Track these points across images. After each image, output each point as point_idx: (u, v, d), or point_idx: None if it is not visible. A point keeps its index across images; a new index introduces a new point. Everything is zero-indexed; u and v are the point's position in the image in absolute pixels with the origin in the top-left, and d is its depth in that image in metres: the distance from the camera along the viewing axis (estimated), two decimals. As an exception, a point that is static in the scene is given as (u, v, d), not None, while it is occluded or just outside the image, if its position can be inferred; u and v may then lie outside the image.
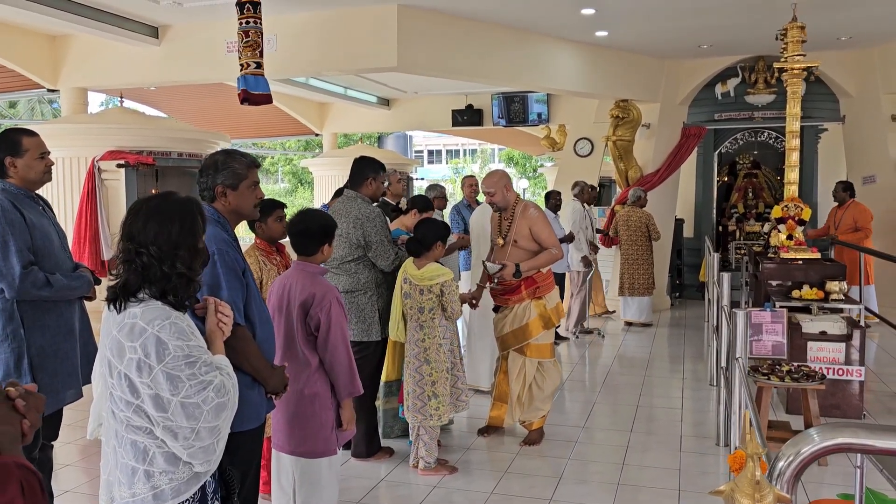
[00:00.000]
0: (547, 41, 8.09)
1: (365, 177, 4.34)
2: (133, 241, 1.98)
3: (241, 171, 2.61)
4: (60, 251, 3.17)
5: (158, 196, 2.08)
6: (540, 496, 3.91)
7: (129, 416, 1.92)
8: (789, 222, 5.89)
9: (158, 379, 1.87)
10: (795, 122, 5.98)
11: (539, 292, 4.63)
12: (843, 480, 3.99)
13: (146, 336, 1.88)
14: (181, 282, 1.98)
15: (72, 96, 8.12)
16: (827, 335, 5.04)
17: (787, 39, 5.90)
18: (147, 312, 1.92)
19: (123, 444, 1.95)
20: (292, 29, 6.99)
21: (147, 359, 1.87)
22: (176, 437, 1.90)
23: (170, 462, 1.94)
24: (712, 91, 9.44)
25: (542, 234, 4.59)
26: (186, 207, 2.05)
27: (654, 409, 5.45)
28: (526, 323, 4.59)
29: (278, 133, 14.55)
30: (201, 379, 1.91)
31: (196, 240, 2.03)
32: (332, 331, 2.96)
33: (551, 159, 17.00)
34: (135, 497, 1.94)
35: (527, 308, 4.61)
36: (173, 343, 1.89)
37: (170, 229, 1.98)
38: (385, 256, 4.19)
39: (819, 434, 1.49)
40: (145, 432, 1.93)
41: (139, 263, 1.95)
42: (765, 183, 11.17)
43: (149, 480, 1.93)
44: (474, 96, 11.97)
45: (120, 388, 1.91)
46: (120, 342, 1.90)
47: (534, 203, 4.82)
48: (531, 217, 4.63)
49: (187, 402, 1.88)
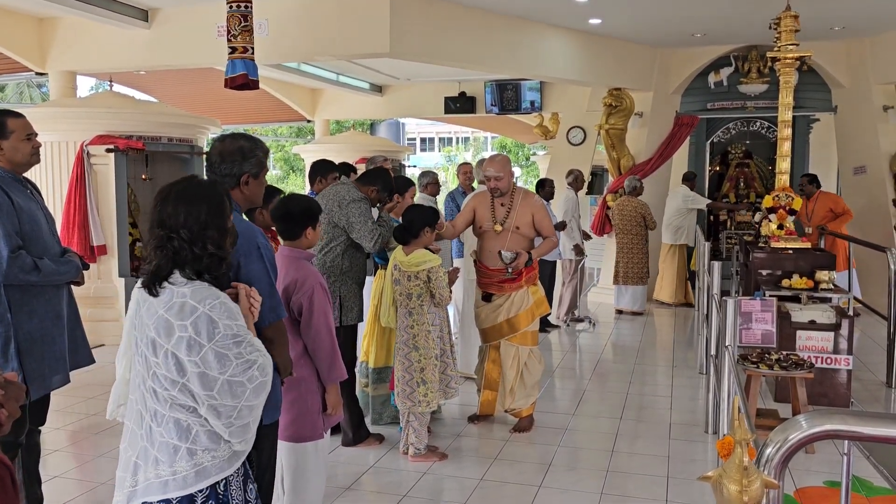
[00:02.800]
0: (540, 28, 8.05)
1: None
2: (164, 227, 2.02)
3: (263, 160, 2.55)
4: (49, 236, 3.14)
5: (184, 180, 2.12)
6: (530, 482, 3.92)
7: (174, 394, 1.97)
8: (780, 212, 5.90)
9: (208, 357, 1.92)
10: (788, 112, 5.98)
11: (533, 278, 4.68)
12: (829, 468, 4.02)
13: (197, 315, 1.94)
14: (213, 262, 2.04)
15: (60, 80, 8.04)
16: (816, 324, 5.06)
17: (780, 29, 5.88)
18: (197, 292, 1.97)
19: (164, 423, 1.99)
20: (284, 13, 6.92)
21: (198, 337, 1.92)
22: (219, 416, 1.96)
23: (212, 440, 2.00)
24: (705, 80, 9.43)
25: (544, 222, 4.62)
26: (214, 189, 2.11)
27: (644, 397, 5.48)
28: (526, 309, 4.59)
29: (270, 119, 14.47)
30: (247, 358, 1.98)
31: (225, 220, 2.09)
32: (314, 316, 2.95)
33: (544, 147, 17.00)
34: (176, 475, 1.98)
35: (524, 295, 4.60)
36: (223, 322, 1.95)
37: (199, 211, 2.03)
38: (370, 237, 4.13)
39: (807, 421, 1.49)
40: (189, 410, 1.98)
41: (170, 248, 2.00)
42: (756, 173, 11.18)
43: (192, 458, 1.98)
44: (467, 83, 11.93)
45: (165, 367, 1.96)
46: (168, 321, 1.95)
47: (532, 191, 4.82)
48: (535, 204, 4.62)
49: (233, 380, 1.95)
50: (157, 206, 2.06)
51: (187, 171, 7.86)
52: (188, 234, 2.01)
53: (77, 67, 8.02)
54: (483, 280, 4.69)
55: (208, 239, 2.03)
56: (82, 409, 5.17)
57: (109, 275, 7.08)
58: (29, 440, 3.12)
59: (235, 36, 5.91)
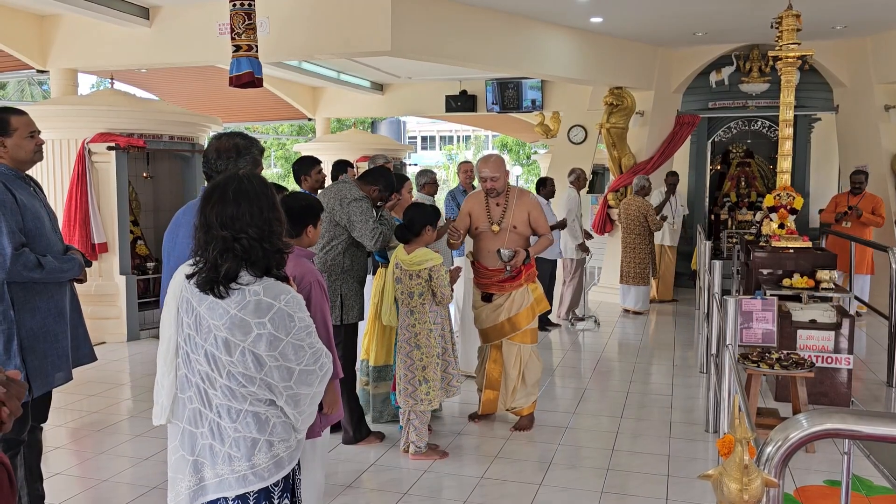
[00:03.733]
0: (541, 27, 8.05)
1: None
2: (228, 229, 2.00)
3: (258, 157, 2.64)
4: (51, 233, 3.14)
5: (234, 178, 2.09)
6: (530, 481, 3.93)
7: (253, 390, 2.01)
8: (781, 211, 5.90)
9: (286, 350, 1.99)
10: (789, 112, 5.98)
11: (532, 276, 4.69)
12: (829, 467, 4.03)
13: (275, 311, 1.98)
14: (279, 257, 2.07)
15: (62, 77, 8.04)
16: (816, 324, 5.07)
17: (781, 27, 5.88)
18: (269, 289, 2.00)
19: (243, 419, 2.02)
20: (285, 11, 6.92)
21: (277, 332, 1.97)
22: (297, 405, 2.04)
23: (286, 430, 2.08)
24: (706, 79, 9.43)
25: (540, 220, 4.61)
26: (265, 183, 2.13)
27: (645, 396, 5.48)
28: (527, 307, 4.59)
29: (271, 117, 14.47)
30: (316, 348, 2.07)
31: (280, 212, 2.11)
32: (311, 313, 2.95)
33: (545, 146, 16.99)
34: (254, 468, 2.03)
35: (524, 293, 4.60)
36: (298, 315, 2.02)
37: (261, 207, 2.04)
38: (370, 235, 4.13)
39: (808, 419, 1.49)
40: (267, 403, 2.03)
41: (239, 249, 2.00)
42: (757, 172, 11.19)
43: (270, 450, 2.04)
44: (468, 82, 11.93)
45: (243, 365, 1.99)
46: (244, 320, 1.97)
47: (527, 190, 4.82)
48: (531, 203, 4.62)
49: (308, 369, 2.03)
50: (214, 207, 2.01)
51: (188, 169, 7.87)
52: (257, 231, 2.01)
53: (78, 65, 8.02)
54: (482, 280, 4.66)
55: (274, 234, 2.05)
56: (84, 406, 5.17)
57: (111, 272, 7.09)
58: (31, 437, 3.13)
59: (239, 34, 5.91)
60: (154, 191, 8.20)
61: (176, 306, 2.11)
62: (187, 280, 2.08)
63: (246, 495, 2.04)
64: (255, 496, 2.05)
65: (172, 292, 2.13)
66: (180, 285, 2.12)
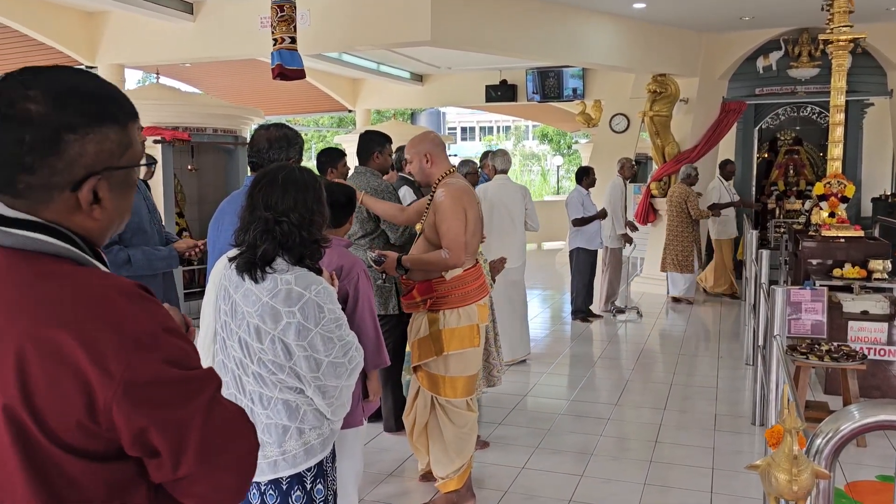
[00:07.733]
0: (583, 14, 7.94)
1: (371, 151, 4.38)
2: (271, 210, 2.05)
3: (303, 148, 2.72)
4: (149, 226, 3.32)
5: (285, 168, 2.16)
6: (571, 472, 3.90)
7: (282, 378, 2.05)
8: (832, 199, 5.74)
9: (315, 341, 2.00)
10: (840, 97, 5.80)
11: (436, 304, 3.33)
12: (882, 462, 3.92)
13: (304, 301, 1.99)
14: (315, 248, 2.10)
15: (109, 73, 8.22)
16: (869, 315, 4.92)
17: (833, 10, 5.70)
18: (301, 278, 2.03)
19: (273, 406, 2.07)
20: (325, 4, 6.96)
21: (306, 322, 1.99)
22: (324, 395, 2.06)
23: (317, 418, 2.10)
24: (753, 65, 9.19)
25: (442, 226, 3.26)
26: (313, 176, 2.16)
27: (689, 388, 5.40)
28: (424, 337, 3.39)
29: (312, 109, 14.58)
30: (347, 340, 2.08)
31: (324, 206, 2.15)
32: (359, 302, 2.97)
33: (586, 136, 16.80)
34: (285, 454, 2.07)
35: (421, 321, 3.41)
36: (328, 306, 2.03)
37: (306, 197, 2.08)
38: (394, 228, 4.15)
39: (860, 411, 1.45)
40: (296, 391, 2.06)
41: (279, 232, 2.04)
42: (807, 160, 10.89)
43: (300, 437, 2.08)
44: (508, 72, 11.84)
45: (272, 353, 2.02)
46: (275, 308, 2.00)
47: (460, 185, 3.35)
48: (436, 202, 3.31)
49: (336, 361, 2.04)
50: (263, 189, 2.07)
51: (232, 161, 7.99)
52: (298, 218, 2.04)
53: (125, 60, 8.20)
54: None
55: (314, 225, 2.08)
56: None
57: (158, 263, 7.24)
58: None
59: (281, 27, 5.96)
60: (198, 183, 8.35)
61: (215, 294, 2.15)
62: (229, 263, 2.12)
63: (278, 480, 2.08)
64: (287, 481, 2.09)
65: (213, 280, 2.18)
66: (220, 273, 2.17)
